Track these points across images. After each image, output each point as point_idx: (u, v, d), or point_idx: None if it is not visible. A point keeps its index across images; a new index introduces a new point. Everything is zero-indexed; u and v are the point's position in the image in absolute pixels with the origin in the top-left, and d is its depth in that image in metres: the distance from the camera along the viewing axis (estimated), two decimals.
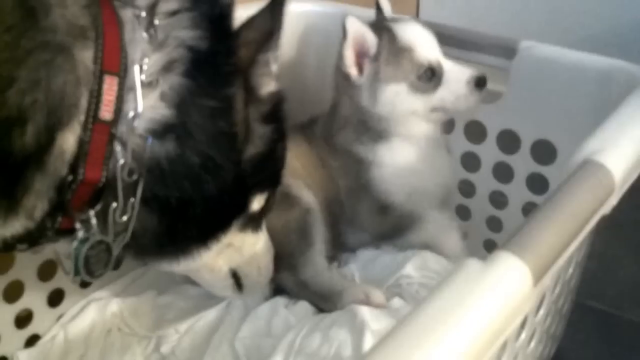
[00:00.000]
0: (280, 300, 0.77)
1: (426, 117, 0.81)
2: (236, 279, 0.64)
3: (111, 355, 0.71)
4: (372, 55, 0.78)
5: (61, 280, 0.74)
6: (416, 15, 1.56)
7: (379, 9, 0.85)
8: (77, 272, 0.49)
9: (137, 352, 0.72)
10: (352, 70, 0.79)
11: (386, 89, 0.79)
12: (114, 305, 0.77)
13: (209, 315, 0.75)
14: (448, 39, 0.80)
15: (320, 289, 0.76)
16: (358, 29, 0.78)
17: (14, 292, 0.70)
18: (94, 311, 0.75)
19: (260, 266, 0.65)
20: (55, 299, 0.74)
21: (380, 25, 0.81)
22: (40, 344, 0.72)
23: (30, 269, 0.70)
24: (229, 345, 0.71)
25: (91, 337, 0.73)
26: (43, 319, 0.73)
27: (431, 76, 0.78)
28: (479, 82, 0.77)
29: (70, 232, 0.48)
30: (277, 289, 0.80)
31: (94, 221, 0.48)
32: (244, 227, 0.59)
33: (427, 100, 0.79)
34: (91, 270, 0.49)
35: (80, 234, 0.48)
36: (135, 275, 0.82)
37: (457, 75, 0.78)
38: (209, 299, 0.77)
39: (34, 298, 0.72)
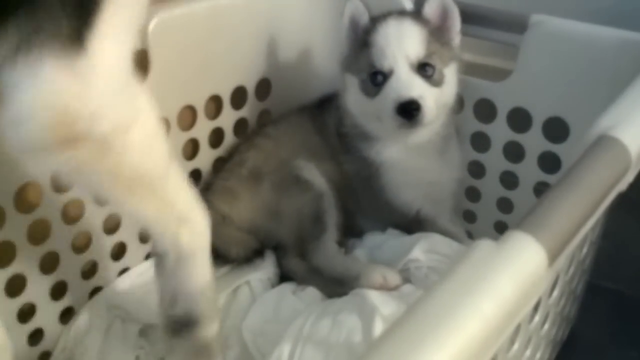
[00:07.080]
0: (287, 287, 0.77)
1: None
2: None
3: (116, 345, 0.70)
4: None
5: (64, 272, 0.73)
6: None
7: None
8: None
9: (142, 342, 0.71)
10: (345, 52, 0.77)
11: (345, 77, 0.78)
12: (117, 297, 0.75)
13: None
14: None
15: (335, 273, 0.75)
16: (356, 11, 0.76)
17: (15, 286, 0.68)
18: (97, 303, 0.74)
19: None
20: (58, 292, 0.73)
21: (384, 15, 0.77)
22: (45, 338, 0.71)
23: (32, 262, 0.69)
24: (236, 333, 0.70)
25: (94, 328, 0.72)
26: (46, 312, 0.72)
27: (380, 82, 0.73)
28: (402, 109, 0.69)
29: None
30: (285, 276, 0.79)
31: None
32: None
33: (369, 104, 0.75)
34: None
35: None
36: (140, 269, 0.81)
37: (392, 89, 0.71)
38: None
39: (36, 291, 0.70)
